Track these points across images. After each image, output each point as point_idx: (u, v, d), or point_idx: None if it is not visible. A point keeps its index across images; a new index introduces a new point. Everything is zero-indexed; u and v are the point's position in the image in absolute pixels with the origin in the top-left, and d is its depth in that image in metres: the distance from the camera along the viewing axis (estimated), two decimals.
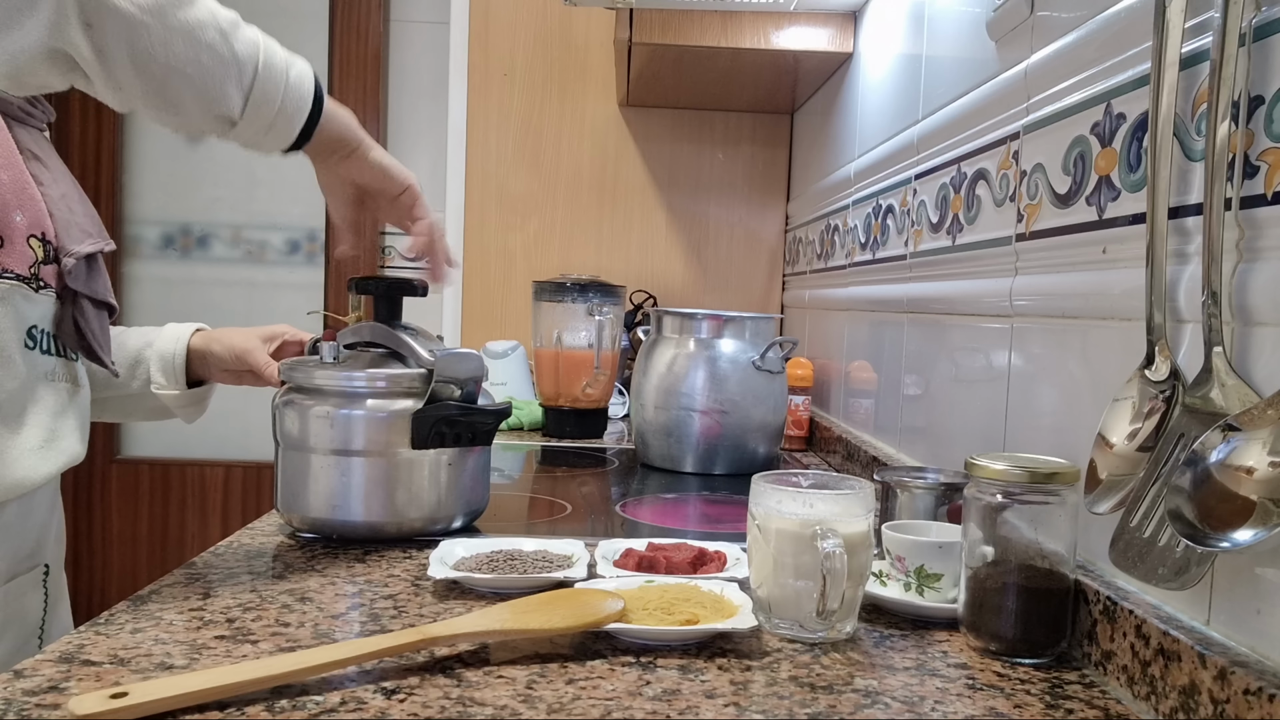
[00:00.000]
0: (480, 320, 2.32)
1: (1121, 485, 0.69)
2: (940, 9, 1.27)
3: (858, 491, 0.76)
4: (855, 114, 1.70)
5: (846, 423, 1.65)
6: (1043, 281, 0.92)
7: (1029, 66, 0.96)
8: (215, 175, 2.67)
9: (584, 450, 1.71)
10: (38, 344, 0.90)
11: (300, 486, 0.99)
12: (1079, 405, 0.84)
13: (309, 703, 0.61)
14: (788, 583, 0.74)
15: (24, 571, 0.92)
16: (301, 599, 0.81)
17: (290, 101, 0.84)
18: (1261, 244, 0.62)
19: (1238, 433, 0.56)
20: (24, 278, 0.88)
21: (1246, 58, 0.63)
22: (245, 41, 0.81)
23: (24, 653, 0.89)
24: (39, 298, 0.90)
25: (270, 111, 0.83)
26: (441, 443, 0.99)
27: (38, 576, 0.94)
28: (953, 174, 1.17)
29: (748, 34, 1.73)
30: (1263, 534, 0.53)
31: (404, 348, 1.01)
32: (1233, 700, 0.56)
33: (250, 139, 0.85)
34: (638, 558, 0.90)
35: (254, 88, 0.81)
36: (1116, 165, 0.79)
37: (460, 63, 2.29)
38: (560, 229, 2.32)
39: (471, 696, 0.62)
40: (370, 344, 1.05)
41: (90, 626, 0.72)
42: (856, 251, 1.62)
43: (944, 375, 1.18)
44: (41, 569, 0.95)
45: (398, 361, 1.02)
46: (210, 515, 2.71)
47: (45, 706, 0.59)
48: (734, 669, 0.69)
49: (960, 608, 0.76)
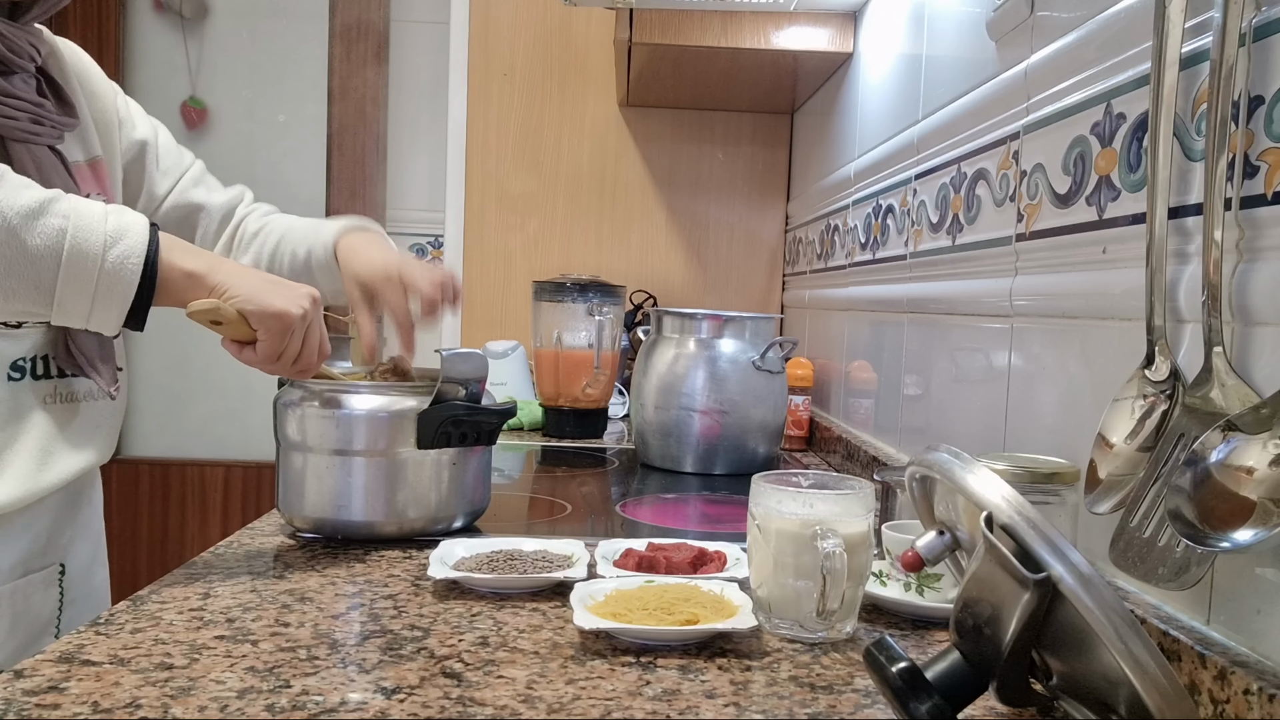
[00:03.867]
0: (480, 320, 2.32)
1: (1121, 485, 0.69)
2: (940, 9, 1.27)
3: (858, 491, 0.76)
4: (855, 114, 1.70)
5: (846, 423, 1.65)
6: (1043, 281, 0.92)
7: (1029, 66, 0.96)
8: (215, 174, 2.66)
9: (584, 450, 1.71)
10: (26, 373, 0.91)
11: (302, 486, 0.99)
12: (1079, 405, 0.84)
13: (309, 703, 0.61)
14: (788, 583, 0.74)
15: (36, 570, 0.93)
16: (301, 599, 0.81)
17: (105, 287, 0.78)
18: (1261, 244, 0.62)
19: (1238, 433, 0.56)
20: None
21: (1247, 57, 0.63)
22: (44, 234, 0.75)
23: (37, 648, 0.91)
24: (20, 332, 0.90)
25: (84, 301, 0.78)
26: (447, 442, 0.99)
27: (52, 575, 0.96)
28: (953, 174, 1.17)
29: (748, 34, 1.73)
30: (1263, 534, 0.53)
31: None
32: (1232, 700, 0.56)
33: (75, 322, 0.79)
34: (638, 558, 0.90)
35: (59, 282, 0.76)
36: (1116, 165, 0.79)
37: (460, 63, 2.29)
38: (560, 229, 2.32)
39: (471, 696, 0.62)
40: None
41: (90, 626, 0.72)
42: (856, 251, 1.62)
43: (944, 375, 1.18)
44: (56, 568, 0.96)
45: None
46: (210, 515, 2.71)
47: (45, 706, 0.59)
48: (734, 669, 0.69)
49: None
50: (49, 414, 0.93)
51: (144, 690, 0.61)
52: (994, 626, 0.55)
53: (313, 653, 0.69)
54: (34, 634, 0.93)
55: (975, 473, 0.57)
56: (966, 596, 0.57)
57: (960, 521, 0.63)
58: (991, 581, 0.55)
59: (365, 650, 0.70)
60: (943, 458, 0.59)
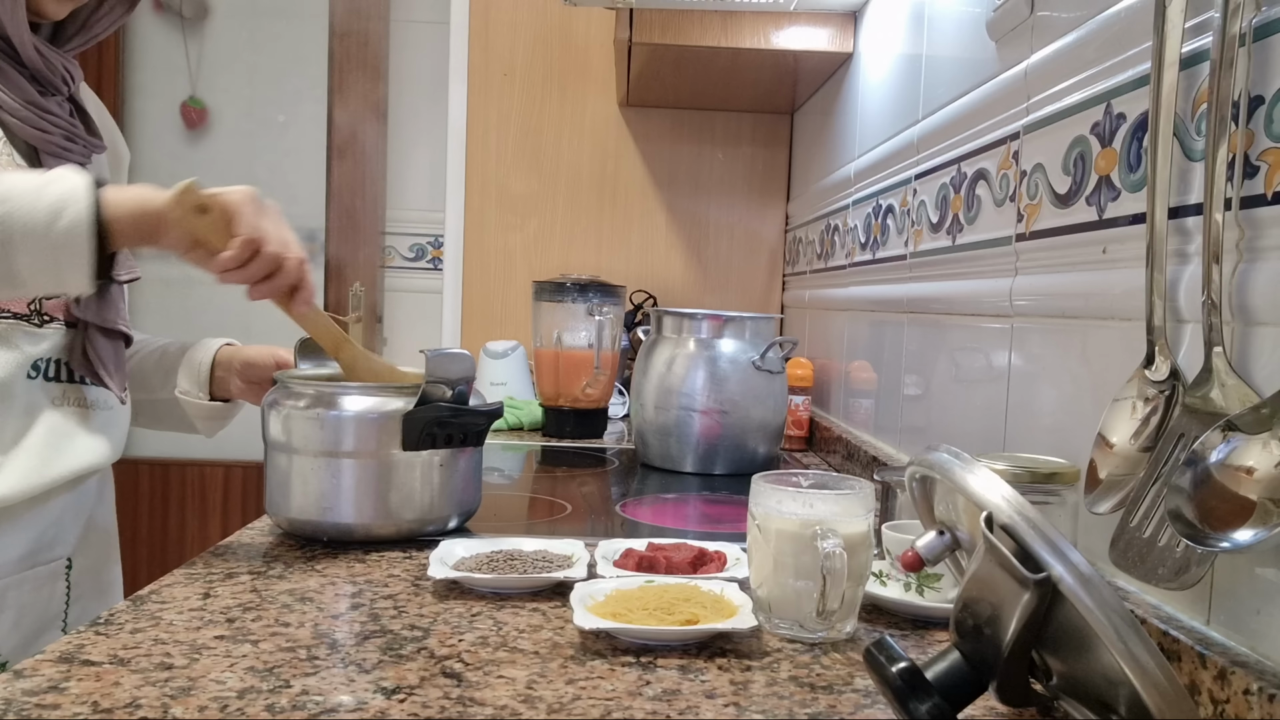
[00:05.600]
0: (480, 320, 2.32)
1: (1122, 485, 0.69)
2: (940, 9, 1.27)
3: (858, 491, 0.76)
4: (855, 114, 1.70)
5: (846, 423, 1.65)
6: (1043, 281, 0.92)
7: (1029, 66, 0.96)
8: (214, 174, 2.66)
9: (584, 450, 1.71)
10: (41, 373, 0.93)
11: (288, 489, 0.99)
12: (1079, 405, 0.84)
13: (309, 703, 0.61)
14: (788, 583, 0.74)
15: (43, 563, 0.95)
16: (302, 599, 0.81)
17: (63, 259, 0.81)
18: (1261, 244, 0.62)
19: (1238, 433, 0.56)
20: (23, 315, 0.91)
21: (1247, 58, 0.63)
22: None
23: (44, 640, 0.92)
24: (44, 332, 0.93)
25: (48, 276, 0.82)
26: (433, 444, 0.99)
27: (58, 569, 0.97)
28: (953, 174, 1.17)
29: (748, 34, 1.73)
30: (1263, 534, 0.53)
31: None
32: (1232, 700, 0.56)
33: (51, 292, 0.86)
34: (638, 558, 0.90)
35: (17, 265, 0.79)
36: (1116, 165, 0.79)
37: (460, 63, 2.29)
38: (560, 229, 2.32)
39: (471, 696, 0.62)
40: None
41: (90, 626, 0.72)
42: (856, 251, 1.62)
43: (944, 375, 1.18)
44: (63, 563, 0.97)
45: None
46: (210, 515, 2.71)
47: (45, 706, 0.59)
48: (734, 669, 0.69)
49: None
50: (60, 413, 0.94)
51: (144, 690, 0.61)
52: (994, 626, 0.55)
53: (313, 653, 0.69)
54: (40, 627, 0.94)
55: (975, 473, 0.57)
56: (966, 596, 0.57)
57: (960, 521, 0.63)
58: (991, 581, 0.55)
59: (365, 650, 0.70)
60: (943, 458, 0.59)
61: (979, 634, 0.56)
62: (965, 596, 0.57)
